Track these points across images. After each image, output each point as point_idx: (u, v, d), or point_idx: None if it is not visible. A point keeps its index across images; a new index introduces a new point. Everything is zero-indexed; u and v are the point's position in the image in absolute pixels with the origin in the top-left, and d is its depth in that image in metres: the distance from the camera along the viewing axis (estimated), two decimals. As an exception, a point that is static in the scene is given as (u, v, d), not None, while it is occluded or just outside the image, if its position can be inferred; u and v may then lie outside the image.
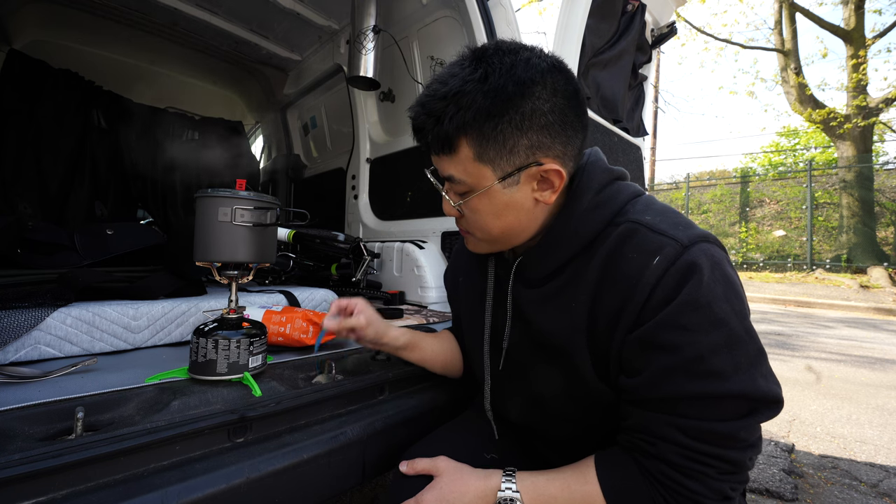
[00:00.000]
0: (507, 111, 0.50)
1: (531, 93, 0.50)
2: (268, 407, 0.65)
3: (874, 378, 2.80)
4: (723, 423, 0.46)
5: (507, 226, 0.57)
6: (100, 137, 2.35)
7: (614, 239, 0.52)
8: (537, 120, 0.51)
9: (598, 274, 0.53)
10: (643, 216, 0.52)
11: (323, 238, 1.54)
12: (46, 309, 0.77)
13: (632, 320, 0.49)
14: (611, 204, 0.55)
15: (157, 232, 1.48)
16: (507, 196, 0.55)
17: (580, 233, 0.55)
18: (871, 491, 1.50)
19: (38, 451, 0.48)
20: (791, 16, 9.20)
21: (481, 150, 0.52)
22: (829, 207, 9.45)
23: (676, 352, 0.46)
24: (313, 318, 0.93)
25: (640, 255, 0.49)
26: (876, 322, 5.26)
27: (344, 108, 2.37)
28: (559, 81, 0.52)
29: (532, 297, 0.61)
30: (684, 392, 0.46)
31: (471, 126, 0.51)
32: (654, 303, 0.47)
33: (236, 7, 2.13)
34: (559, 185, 0.54)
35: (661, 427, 0.48)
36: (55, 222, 2.03)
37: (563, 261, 0.57)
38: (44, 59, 2.12)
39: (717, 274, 0.47)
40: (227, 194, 0.69)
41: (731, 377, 0.45)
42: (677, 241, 0.48)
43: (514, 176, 0.53)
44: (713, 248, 0.49)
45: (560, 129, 0.52)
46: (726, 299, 0.46)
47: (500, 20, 1.49)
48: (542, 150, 0.52)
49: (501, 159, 0.52)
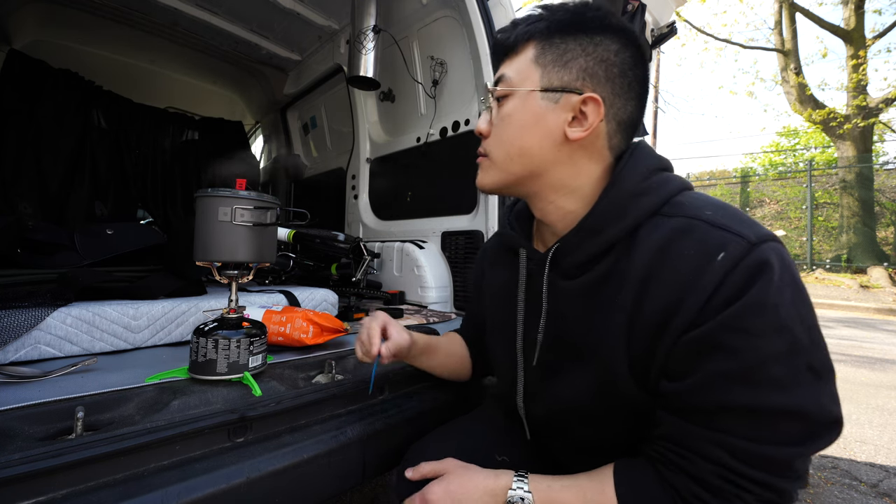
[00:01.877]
0: (580, 33, 0.52)
1: (607, 33, 0.52)
2: (268, 407, 0.65)
3: (874, 378, 2.80)
4: (777, 448, 0.41)
5: (526, 146, 0.55)
6: (100, 137, 2.35)
7: (667, 233, 0.48)
8: (601, 53, 0.52)
9: (644, 269, 0.48)
10: (701, 211, 0.47)
11: (323, 238, 1.54)
12: (46, 309, 0.77)
13: (688, 321, 0.44)
14: (659, 191, 0.51)
15: (157, 232, 1.48)
16: (541, 110, 0.54)
17: (623, 217, 0.51)
18: (871, 491, 1.50)
19: (38, 451, 0.48)
20: (791, 16, 9.20)
21: (541, 53, 0.54)
22: (829, 207, 9.45)
23: (734, 356, 0.42)
24: (313, 318, 0.93)
25: (701, 251, 0.45)
26: (876, 322, 5.26)
27: (344, 108, 2.37)
28: (634, 48, 0.53)
29: (568, 289, 0.56)
30: (735, 402, 0.42)
31: (543, 33, 0.54)
32: (715, 303, 0.43)
33: (236, 7, 2.13)
34: (594, 123, 0.52)
35: (701, 443, 0.44)
36: (55, 222, 2.03)
37: (603, 247, 0.52)
38: (44, 59, 2.12)
39: (786, 277, 0.42)
40: (227, 194, 0.69)
41: (790, 389, 0.40)
42: (744, 237, 0.43)
43: (556, 94, 0.53)
44: (782, 248, 0.44)
45: (617, 77, 0.52)
46: (794, 304, 0.42)
47: (501, 20, 1.49)
48: (592, 82, 0.52)
49: (554, 68, 0.53)
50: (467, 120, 1.65)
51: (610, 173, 0.56)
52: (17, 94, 2.03)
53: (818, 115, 8.69)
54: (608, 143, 0.55)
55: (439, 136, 1.77)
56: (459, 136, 1.68)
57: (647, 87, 0.56)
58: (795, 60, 9.14)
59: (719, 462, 0.42)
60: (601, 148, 0.55)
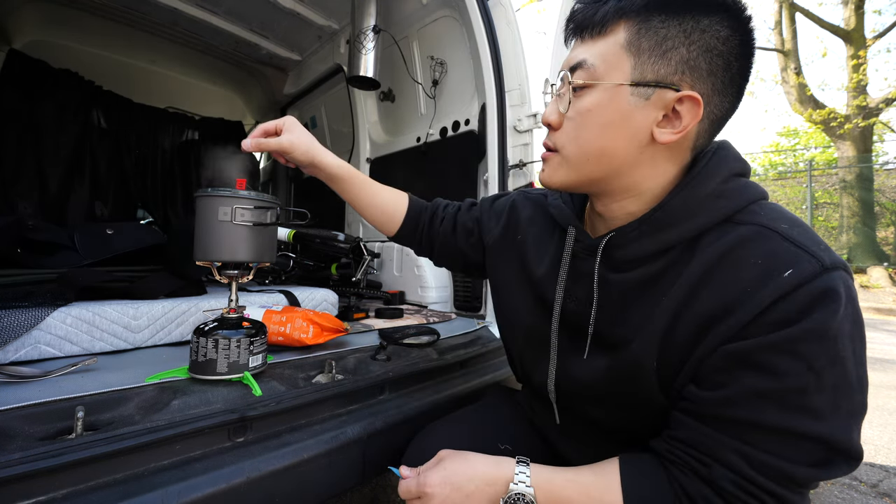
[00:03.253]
0: (685, 13, 0.44)
1: (717, 13, 0.44)
2: (268, 406, 0.65)
3: (874, 378, 2.80)
4: (797, 467, 0.40)
5: (608, 148, 0.49)
6: (100, 137, 2.35)
7: (734, 238, 0.45)
8: (708, 41, 0.44)
9: (701, 272, 0.46)
10: (777, 223, 0.44)
11: (323, 238, 1.54)
12: (46, 308, 0.77)
13: (733, 331, 0.42)
14: (735, 198, 0.47)
15: (157, 232, 1.48)
16: (628, 106, 0.46)
17: (693, 218, 0.47)
18: (871, 491, 1.50)
19: (38, 451, 0.48)
20: (791, 16, 9.19)
21: (635, 38, 0.45)
22: (829, 207, 9.45)
23: (779, 378, 0.40)
24: (313, 318, 0.93)
25: (769, 263, 0.42)
26: (876, 322, 5.26)
27: (344, 108, 2.37)
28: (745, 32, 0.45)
29: (614, 281, 0.53)
30: (766, 422, 0.41)
31: (639, 12, 0.45)
32: (770, 319, 0.40)
33: (236, 7, 2.13)
34: (689, 125, 0.46)
35: (724, 451, 0.42)
36: (55, 222, 2.03)
37: (664, 246, 0.49)
38: (44, 59, 2.12)
39: (849, 310, 0.40)
40: (228, 194, 0.69)
41: (826, 420, 0.39)
42: (819, 259, 0.41)
43: (648, 89, 0.45)
44: (851, 279, 0.42)
45: (721, 70, 0.45)
46: (852, 339, 0.40)
47: (501, 20, 1.49)
48: (692, 76, 0.45)
49: (649, 58, 0.45)
50: (467, 120, 1.65)
51: (685, 172, 0.51)
52: (17, 94, 2.03)
53: (818, 116, 8.69)
54: (694, 143, 0.49)
55: (439, 136, 1.77)
56: (459, 136, 1.68)
57: (747, 80, 0.48)
58: (795, 60, 9.13)
59: (737, 470, 0.42)
60: (686, 149, 0.49)
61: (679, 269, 0.48)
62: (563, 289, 0.59)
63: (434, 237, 0.81)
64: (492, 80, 1.44)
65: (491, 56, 1.45)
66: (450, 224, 0.80)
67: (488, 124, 1.46)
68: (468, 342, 1.12)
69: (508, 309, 0.72)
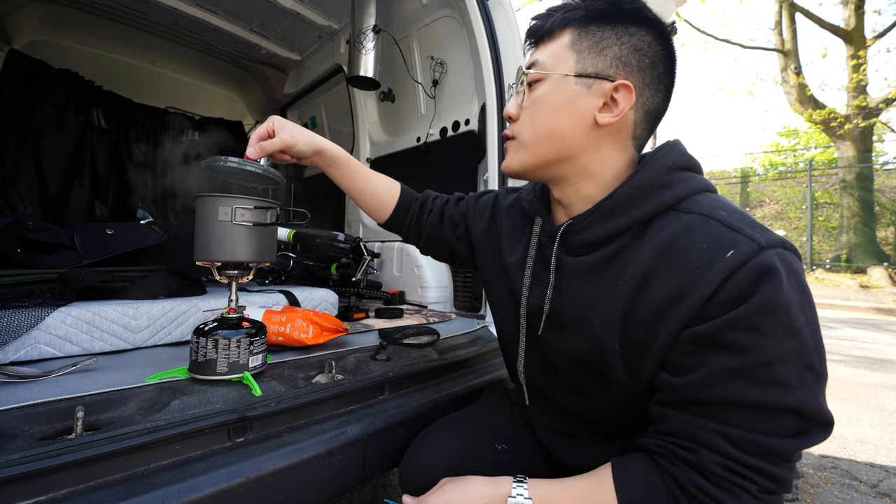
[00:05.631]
0: (616, 22, 0.54)
1: (642, 25, 0.54)
2: (268, 406, 0.65)
3: (874, 378, 2.80)
4: (776, 440, 0.42)
5: (557, 128, 0.56)
6: (100, 137, 2.35)
7: (679, 226, 0.49)
8: (635, 43, 0.53)
9: (652, 258, 0.50)
10: (717, 212, 0.49)
11: (323, 238, 1.54)
12: (46, 308, 0.77)
13: (691, 314, 0.45)
14: (679, 188, 0.52)
15: (157, 232, 1.48)
16: (573, 94, 0.55)
17: (641, 205, 0.52)
18: (871, 491, 1.50)
19: (38, 451, 0.48)
20: (791, 16, 9.19)
21: (577, 40, 0.55)
22: (829, 207, 9.45)
23: (742, 354, 0.43)
24: (313, 318, 0.93)
25: (711, 246, 0.46)
26: (876, 322, 5.26)
27: (344, 107, 2.37)
28: (666, 42, 0.55)
29: (572, 265, 0.58)
30: (739, 398, 0.43)
31: (580, 20, 0.55)
32: (722, 298, 0.44)
33: (236, 7, 2.13)
34: (624, 109, 0.53)
35: (706, 434, 0.44)
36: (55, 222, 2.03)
37: (614, 231, 0.54)
38: (44, 59, 2.12)
39: (793, 282, 0.44)
40: (228, 194, 0.69)
41: (795, 390, 0.42)
42: (754, 240, 0.45)
43: (589, 79, 0.54)
44: (792, 255, 0.46)
45: (648, 67, 0.54)
46: (802, 309, 0.43)
47: (500, 20, 1.49)
48: (625, 70, 0.53)
49: (589, 55, 0.54)
50: (467, 120, 1.65)
51: (633, 165, 0.57)
52: (17, 94, 2.03)
53: (818, 116, 8.69)
54: (633, 131, 0.56)
55: (439, 136, 1.77)
56: (459, 136, 1.68)
57: (674, 82, 0.57)
58: (795, 60, 9.13)
59: (722, 452, 0.43)
60: (627, 137, 0.56)
61: (629, 253, 0.53)
62: (531, 275, 0.64)
63: (422, 226, 0.85)
64: (492, 80, 1.44)
65: (491, 56, 1.46)
66: (437, 215, 0.84)
67: (488, 124, 1.46)
68: (468, 342, 1.12)
69: (493, 299, 0.77)
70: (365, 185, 0.82)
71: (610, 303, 0.53)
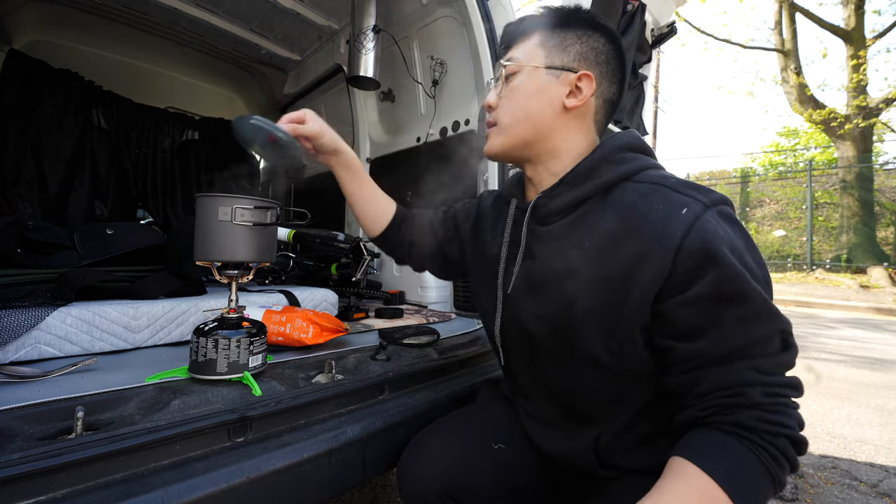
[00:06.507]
0: (575, 25, 0.65)
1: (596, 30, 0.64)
2: (268, 406, 0.65)
3: (874, 378, 2.80)
4: (783, 355, 0.50)
5: (531, 111, 0.65)
6: (100, 137, 2.35)
7: (635, 194, 0.57)
8: (592, 43, 0.64)
9: (616, 222, 0.57)
10: (667, 181, 0.57)
11: (323, 238, 1.54)
12: (46, 308, 0.77)
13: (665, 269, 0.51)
14: (633, 163, 0.61)
15: (157, 232, 1.48)
16: (545, 84, 0.64)
17: (597, 177, 0.61)
18: (871, 491, 1.50)
19: (38, 451, 0.48)
20: (791, 16, 9.19)
21: (545, 39, 0.65)
22: (829, 207, 9.45)
23: (747, 300, 0.49)
24: (313, 318, 0.93)
25: (667, 206, 0.54)
26: (876, 322, 5.26)
27: (344, 107, 2.37)
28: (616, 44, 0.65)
29: (541, 233, 0.65)
30: (755, 336, 0.50)
31: (547, 24, 0.66)
32: (687, 250, 0.50)
33: (236, 7, 2.13)
34: (587, 95, 0.63)
35: (743, 373, 0.49)
36: (55, 222, 2.03)
37: (577, 200, 0.61)
38: (44, 59, 2.12)
39: (739, 229, 0.53)
40: (228, 194, 0.69)
41: (779, 315, 0.50)
42: (701, 201, 0.53)
43: (557, 70, 0.63)
44: (731, 210, 0.55)
45: (605, 62, 0.64)
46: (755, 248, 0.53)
47: (500, 20, 1.49)
48: (586, 63, 0.63)
49: (555, 50, 0.64)
50: (467, 120, 1.65)
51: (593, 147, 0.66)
52: (17, 94, 2.03)
53: (818, 116, 8.69)
54: (595, 116, 0.66)
55: (439, 136, 1.77)
56: (459, 136, 1.68)
57: (625, 76, 0.67)
58: (795, 60, 9.14)
59: (760, 382, 0.49)
60: (589, 121, 0.66)
61: (592, 217, 0.60)
62: (507, 248, 0.71)
63: (413, 238, 0.89)
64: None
65: (491, 56, 1.46)
66: (426, 221, 0.90)
67: (488, 124, 1.46)
68: (468, 342, 1.12)
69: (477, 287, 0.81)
70: (370, 196, 0.88)
71: (579, 263, 0.59)
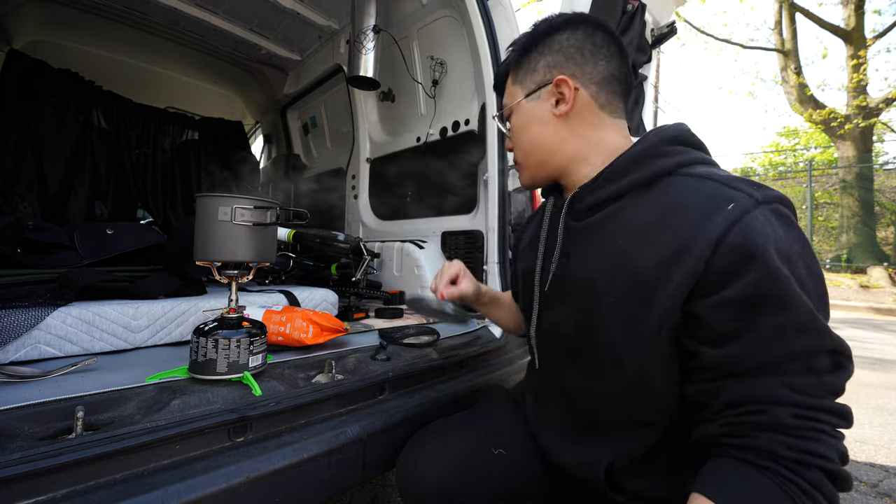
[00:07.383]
0: (537, 44, 0.65)
1: (555, 32, 0.64)
2: (268, 406, 0.65)
3: (874, 378, 2.80)
4: (827, 376, 0.43)
5: (534, 140, 0.66)
6: (100, 137, 2.35)
7: (679, 187, 0.52)
8: (555, 45, 0.63)
9: (654, 217, 0.52)
10: (716, 175, 0.51)
11: (323, 238, 1.54)
12: (46, 308, 0.77)
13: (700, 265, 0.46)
14: (678, 157, 0.55)
15: (157, 232, 1.48)
16: (531, 110, 0.66)
17: (640, 169, 0.56)
18: (871, 491, 1.50)
19: (38, 451, 0.48)
20: (791, 16, 9.19)
21: (516, 76, 0.68)
22: (829, 207, 9.45)
23: (788, 307, 0.43)
24: (313, 318, 0.93)
25: (712, 200, 0.47)
26: (876, 322, 5.26)
27: (344, 107, 2.37)
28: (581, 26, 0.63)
29: (576, 229, 0.63)
30: (795, 349, 0.43)
31: (514, 62, 0.69)
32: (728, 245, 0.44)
33: (236, 7, 2.13)
34: (571, 95, 0.61)
35: (772, 388, 0.43)
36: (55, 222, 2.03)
37: (614, 194, 0.58)
38: (44, 59, 2.12)
39: (797, 232, 0.46)
40: (228, 194, 0.69)
41: (830, 332, 0.44)
42: (752, 196, 0.46)
43: (536, 93, 0.65)
44: (786, 209, 0.47)
45: (575, 53, 0.62)
46: (810, 255, 0.46)
47: (500, 20, 1.49)
48: (557, 69, 0.63)
49: (527, 78, 0.66)
50: (467, 120, 1.65)
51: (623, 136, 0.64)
52: (17, 94, 2.03)
53: (818, 116, 8.69)
54: (597, 103, 0.63)
55: (439, 136, 1.77)
56: (459, 136, 1.68)
57: (613, 48, 0.63)
58: (795, 60, 9.13)
59: (790, 401, 0.43)
60: (593, 112, 0.63)
61: (629, 212, 0.56)
62: (545, 246, 0.70)
63: None
64: (492, 80, 1.44)
65: (491, 56, 1.46)
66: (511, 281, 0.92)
67: (488, 124, 1.46)
68: (468, 342, 1.12)
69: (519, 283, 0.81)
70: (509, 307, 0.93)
71: (611, 258, 0.55)
